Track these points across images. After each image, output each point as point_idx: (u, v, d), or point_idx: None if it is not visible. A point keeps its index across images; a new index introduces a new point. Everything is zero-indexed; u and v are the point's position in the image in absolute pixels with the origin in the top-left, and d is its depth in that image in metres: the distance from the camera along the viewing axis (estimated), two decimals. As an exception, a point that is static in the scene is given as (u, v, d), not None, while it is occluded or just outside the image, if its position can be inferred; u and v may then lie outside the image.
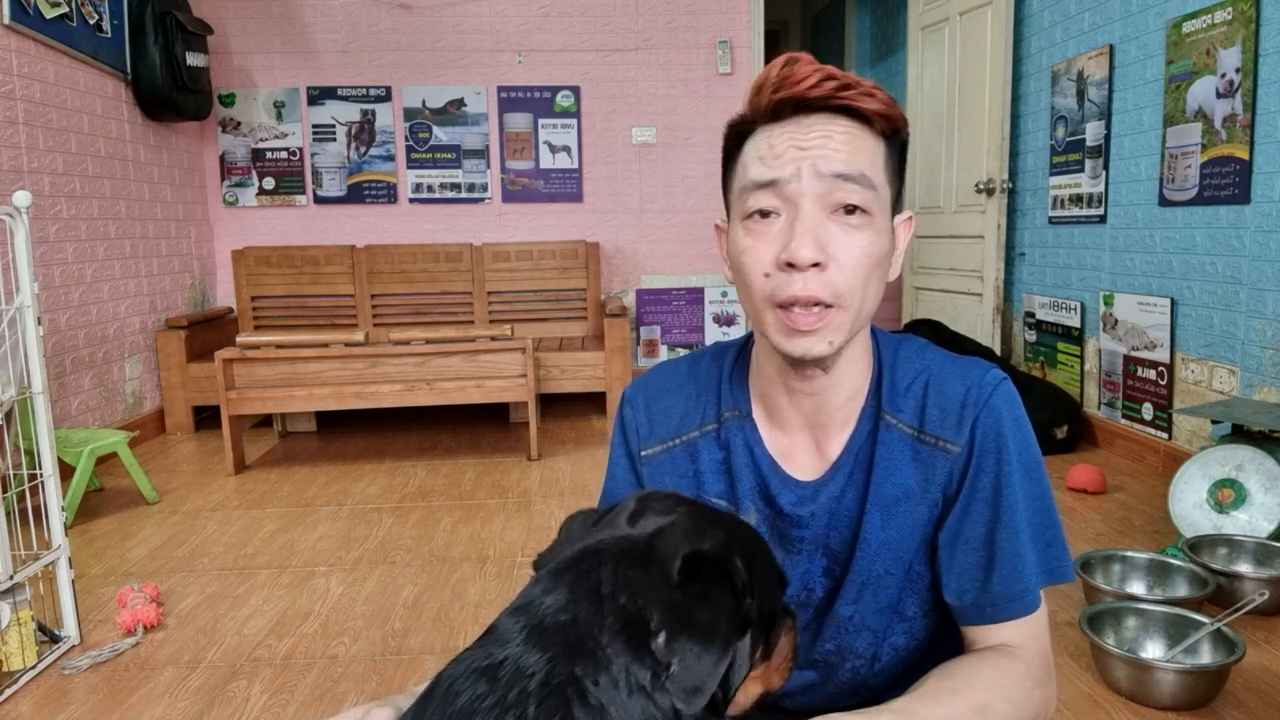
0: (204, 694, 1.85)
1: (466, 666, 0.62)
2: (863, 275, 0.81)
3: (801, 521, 0.92)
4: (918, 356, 0.93)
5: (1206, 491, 2.43)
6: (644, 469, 0.98)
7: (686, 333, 5.04)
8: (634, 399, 1.01)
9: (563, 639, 0.62)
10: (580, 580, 0.65)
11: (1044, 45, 3.97)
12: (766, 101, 0.82)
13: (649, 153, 4.92)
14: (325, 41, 4.73)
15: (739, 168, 0.86)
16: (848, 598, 0.92)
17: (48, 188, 3.41)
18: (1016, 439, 0.88)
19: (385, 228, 4.88)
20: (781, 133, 0.82)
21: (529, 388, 3.60)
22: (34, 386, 1.98)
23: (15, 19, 3.19)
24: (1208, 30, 2.88)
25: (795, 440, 0.94)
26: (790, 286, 0.80)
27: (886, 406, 0.91)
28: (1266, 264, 2.69)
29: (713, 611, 0.64)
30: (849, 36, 6.89)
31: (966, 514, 0.88)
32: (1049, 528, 0.89)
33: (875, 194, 0.82)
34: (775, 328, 0.83)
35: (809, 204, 0.80)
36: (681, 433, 0.98)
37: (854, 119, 0.82)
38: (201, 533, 2.84)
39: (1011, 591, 0.87)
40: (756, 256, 0.82)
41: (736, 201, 0.86)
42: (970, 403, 0.88)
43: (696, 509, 0.74)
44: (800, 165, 0.80)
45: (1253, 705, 1.73)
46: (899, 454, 0.90)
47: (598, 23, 4.80)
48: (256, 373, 3.48)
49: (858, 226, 0.81)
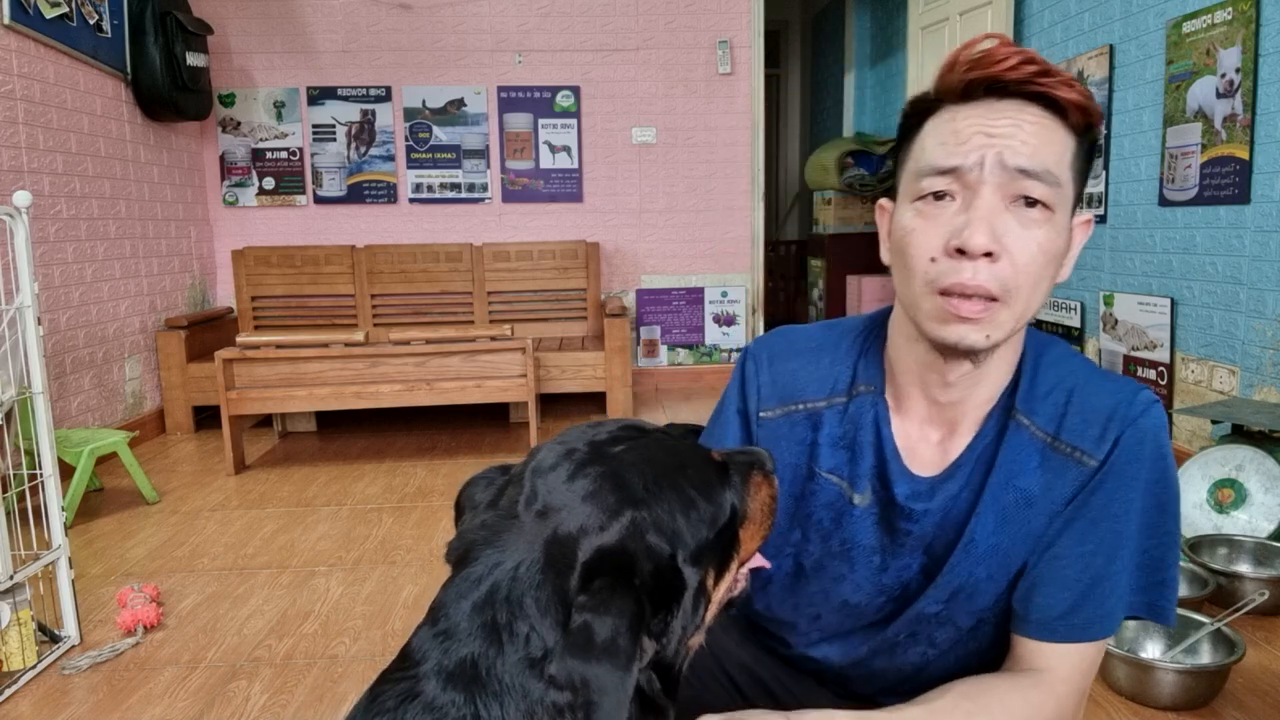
0: (204, 694, 1.85)
1: (379, 711, 0.61)
2: (1035, 272, 0.76)
3: (913, 516, 0.88)
4: (1064, 362, 0.88)
5: (1206, 491, 2.43)
6: (760, 430, 0.94)
7: (686, 333, 5.04)
8: (758, 355, 0.96)
9: (464, 682, 0.60)
10: (479, 611, 0.62)
11: (1044, 45, 3.97)
12: (959, 80, 0.78)
13: (649, 153, 4.92)
14: (325, 41, 4.73)
15: (916, 147, 0.81)
16: (937, 597, 0.88)
17: (48, 188, 3.41)
18: (1154, 467, 0.83)
19: (385, 228, 4.88)
20: (969, 115, 0.77)
21: (529, 388, 3.60)
22: (34, 386, 1.98)
23: (15, 19, 3.19)
24: (1208, 30, 2.88)
25: (921, 433, 0.89)
26: (958, 274, 0.75)
27: (1021, 407, 0.86)
28: (1266, 264, 2.69)
29: (608, 625, 0.58)
30: (849, 36, 6.88)
31: (1069, 526, 0.84)
32: (1164, 568, 0.84)
33: (1059, 191, 0.77)
34: (933, 313, 0.78)
35: (988, 191, 0.76)
36: (806, 398, 0.93)
37: (1047, 109, 0.77)
38: (201, 533, 2.84)
39: (1092, 615, 0.83)
40: (924, 239, 0.78)
41: (910, 182, 0.81)
42: (1117, 419, 0.83)
43: (609, 468, 0.68)
44: (985, 154, 0.75)
45: (1253, 705, 1.73)
46: (1026, 457, 0.85)
47: (598, 23, 4.80)
48: (256, 373, 3.48)
49: (1037, 221, 0.76)
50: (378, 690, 0.62)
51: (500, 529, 0.66)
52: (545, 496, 0.66)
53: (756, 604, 1.01)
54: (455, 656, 0.61)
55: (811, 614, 0.96)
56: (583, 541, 0.63)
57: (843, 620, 0.95)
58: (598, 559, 0.62)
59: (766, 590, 0.98)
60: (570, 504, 0.65)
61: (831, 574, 0.92)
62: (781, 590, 0.97)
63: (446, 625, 0.62)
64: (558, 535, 0.63)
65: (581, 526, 0.63)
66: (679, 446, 0.73)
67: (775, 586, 0.97)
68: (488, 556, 0.64)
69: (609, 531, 0.63)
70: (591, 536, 0.63)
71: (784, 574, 0.96)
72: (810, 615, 0.96)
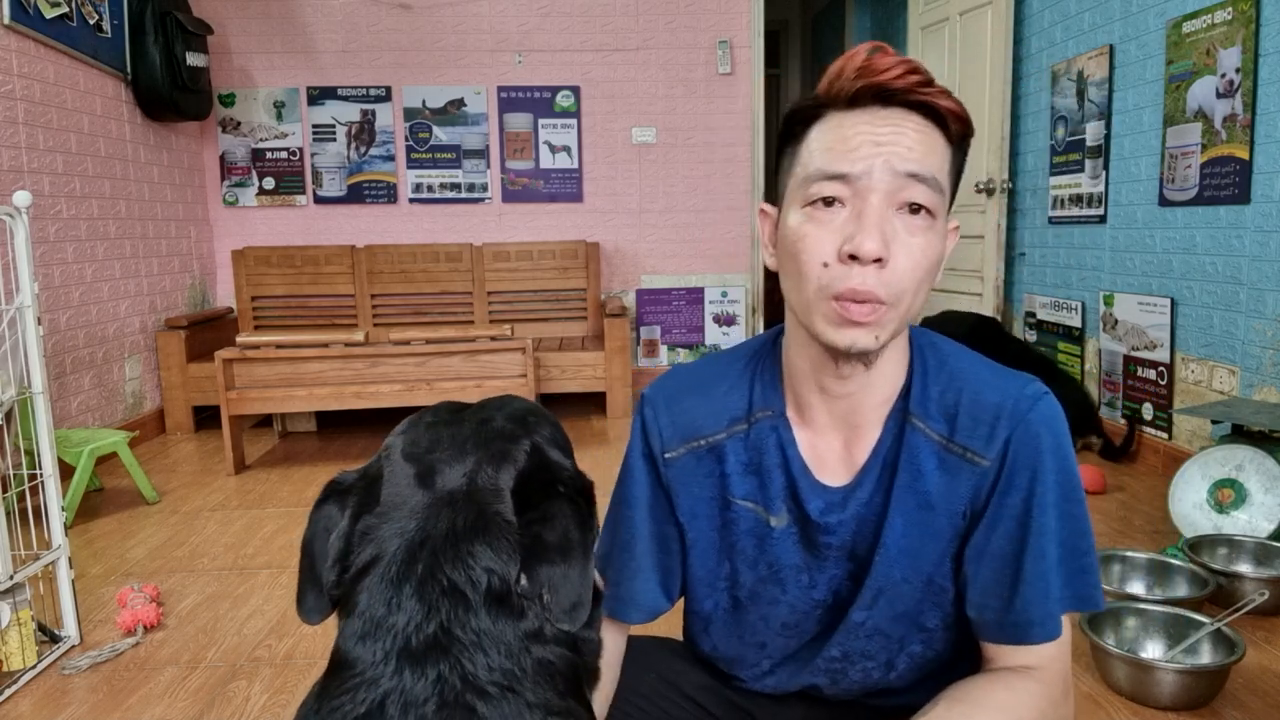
0: (204, 694, 1.85)
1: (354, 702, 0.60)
2: (919, 277, 0.79)
3: (829, 529, 0.90)
4: (954, 361, 0.90)
5: (1206, 491, 2.43)
6: (667, 470, 0.95)
7: (686, 333, 5.04)
8: (654, 400, 0.98)
9: (439, 652, 0.60)
10: (425, 584, 0.62)
11: (1044, 45, 3.97)
12: (848, 86, 0.80)
13: (649, 153, 4.92)
14: (325, 41, 4.72)
15: (803, 152, 0.83)
16: (863, 603, 0.90)
17: (48, 188, 3.41)
18: (1055, 458, 0.85)
19: (385, 228, 4.88)
20: (855, 122, 0.79)
21: (529, 388, 3.60)
22: (34, 386, 1.98)
23: (15, 19, 3.19)
24: (1208, 30, 2.88)
25: (826, 442, 0.91)
26: (849, 279, 0.77)
27: (915, 410, 0.88)
28: (1266, 264, 2.69)
29: (558, 527, 0.64)
30: (849, 36, 6.88)
31: (994, 530, 0.86)
32: (1083, 554, 0.86)
33: (941, 198, 0.80)
34: (826, 318, 0.80)
35: (877, 199, 0.78)
36: (706, 433, 0.94)
37: (927, 118, 0.80)
38: (201, 533, 2.84)
39: (1034, 616, 0.85)
40: (817, 245, 0.79)
41: (798, 187, 0.83)
42: (1005, 416, 0.85)
43: (485, 419, 0.71)
44: (874, 161, 0.78)
45: (1253, 705, 1.73)
46: (925, 460, 0.87)
47: (598, 23, 4.80)
48: (256, 373, 3.48)
49: (921, 228, 0.79)
50: (330, 706, 0.61)
51: (401, 515, 0.66)
52: (442, 464, 0.68)
53: (703, 646, 1.02)
54: (422, 636, 0.61)
55: (756, 643, 0.98)
56: (501, 477, 0.67)
57: (786, 642, 0.97)
58: (522, 483, 0.67)
59: (709, 631, 1.00)
60: (473, 453, 0.69)
61: (766, 599, 0.94)
62: (724, 627, 0.99)
63: (385, 619, 0.62)
64: (477, 482, 0.67)
65: (495, 465, 0.68)
66: (511, 397, 0.80)
67: (716, 625, 0.99)
68: (401, 542, 0.65)
69: (520, 459, 0.68)
70: (508, 468, 0.68)
71: (722, 610, 0.98)
72: (755, 644, 0.98)
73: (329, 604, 0.67)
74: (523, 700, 0.61)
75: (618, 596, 0.97)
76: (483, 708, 0.59)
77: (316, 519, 0.71)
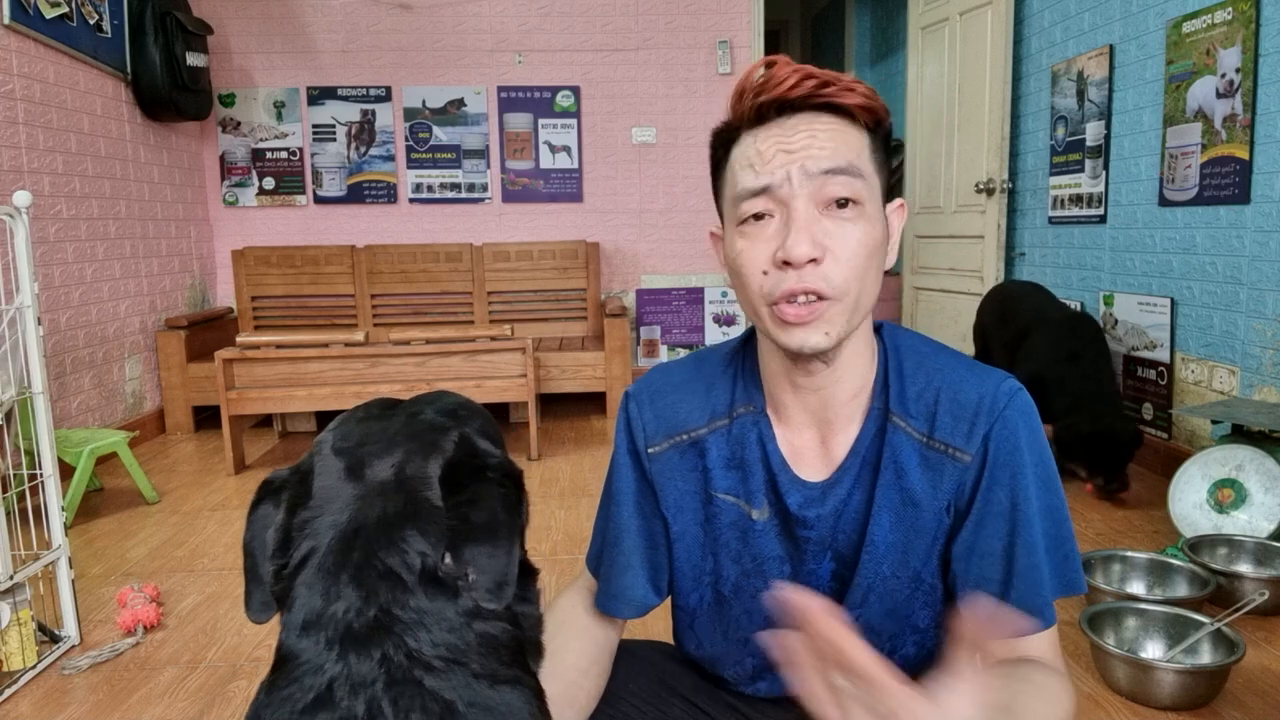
0: (204, 694, 1.85)
1: (291, 710, 0.60)
2: (860, 265, 0.81)
3: (807, 523, 0.92)
4: (931, 360, 0.92)
5: (1206, 491, 2.43)
6: (651, 465, 0.97)
7: (686, 333, 5.04)
8: (638, 396, 1.00)
9: (382, 633, 0.62)
10: (362, 570, 0.64)
11: (1044, 45, 3.97)
12: (749, 106, 0.83)
13: (649, 153, 4.92)
14: (325, 41, 4.72)
15: (729, 175, 0.87)
16: (853, 601, 0.91)
17: (48, 188, 3.41)
18: (1032, 451, 0.87)
19: (385, 228, 4.88)
20: (767, 136, 0.83)
21: (529, 387, 3.60)
22: (34, 386, 1.98)
23: (15, 19, 3.19)
24: (1208, 30, 2.88)
25: (803, 438, 0.93)
26: (785, 282, 0.81)
27: (895, 410, 0.90)
28: (1266, 264, 2.69)
29: (485, 509, 0.65)
30: (849, 36, 6.89)
31: (981, 527, 0.87)
32: (1065, 540, 0.89)
33: (864, 182, 0.82)
34: (772, 323, 0.84)
35: (801, 203, 0.81)
36: (688, 428, 0.97)
37: (837, 115, 0.83)
38: (201, 533, 2.84)
39: (1030, 607, 0.86)
40: (753, 257, 0.83)
41: (730, 208, 0.87)
42: (984, 412, 0.87)
43: (414, 413, 0.73)
44: (789, 169, 0.81)
45: (1253, 705, 1.73)
46: (907, 457, 0.89)
47: (598, 23, 4.80)
48: (256, 373, 3.48)
49: (851, 219, 0.81)
50: (279, 697, 0.62)
51: (333, 508, 0.67)
52: (371, 456, 0.70)
53: (688, 645, 1.03)
54: (363, 620, 0.62)
55: (740, 639, 0.98)
56: (430, 466, 0.68)
57: None
58: (450, 470, 0.68)
59: (694, 627, 1.01)
60: (402, 445, 0.70)
61: (750, 592, 0.95)
62: (708, 622, 0.99)
63: (325, 609, 0.63)
64: (405, 472, 0.68)
65: (424, 455, 0.68)
66: (443, 392, 0.82)
67: (701, 621, 1.00)
68: (335, 533, 0.66)
69: (449, 449, 0.69)
70: (436, 458, 0.68)
71: (706, 605, 0.99)
72: (739, 641, 0.98)
73: (275, 601, 0.68)
74: (468, 670, 0.62)
75: (607, 591, 0.99)
76: (430, 680, 0.61)
77: (254, 520, 0.72)
